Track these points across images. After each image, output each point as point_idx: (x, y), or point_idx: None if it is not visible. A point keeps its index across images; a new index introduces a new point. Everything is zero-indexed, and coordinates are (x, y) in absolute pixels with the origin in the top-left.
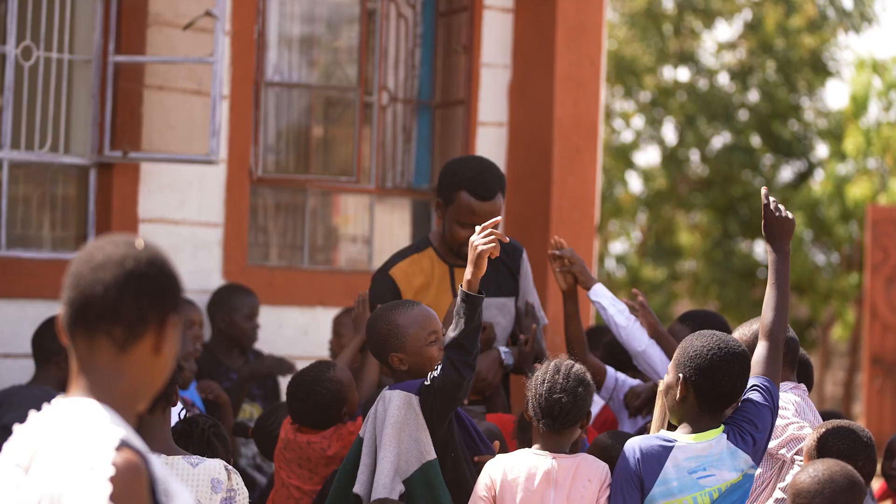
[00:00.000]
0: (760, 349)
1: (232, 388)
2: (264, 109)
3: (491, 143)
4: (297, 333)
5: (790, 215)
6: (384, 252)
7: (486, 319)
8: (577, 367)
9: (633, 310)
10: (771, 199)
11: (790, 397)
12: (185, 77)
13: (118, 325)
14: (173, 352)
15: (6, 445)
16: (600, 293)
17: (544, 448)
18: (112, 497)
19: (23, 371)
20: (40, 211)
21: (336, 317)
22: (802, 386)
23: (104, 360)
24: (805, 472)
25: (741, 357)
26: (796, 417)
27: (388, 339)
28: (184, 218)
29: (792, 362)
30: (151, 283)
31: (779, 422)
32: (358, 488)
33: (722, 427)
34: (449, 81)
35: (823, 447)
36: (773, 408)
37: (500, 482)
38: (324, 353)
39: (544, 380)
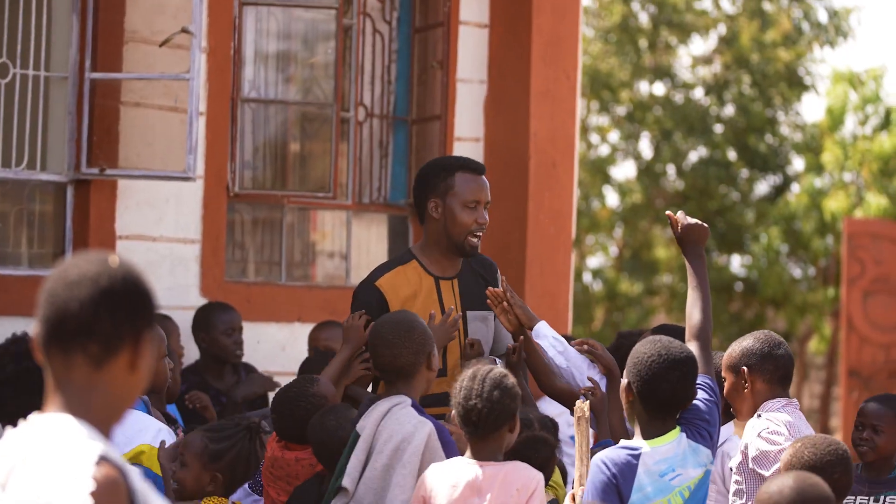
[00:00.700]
0: (693, 350)
1: (223, 412)
2: (241, 126)
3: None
4: (275, 349)
5: (699, 222)
6: (361, 267)
7: (471, 333)
8: (495, 372)
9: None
10: (678, 213)
11: (782, 417)
12: (161, 94)
13: (93, 341)
14: (149, 368)
15: None
16: (541, 333)
17: (473, 456)
18: None
19: None
20: (18, 228)
21: (313, 332)
22: (795, 402)
23: (80, 377)
24: (772, 483)
25: (682, 363)
26: (790, 440)
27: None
28: (161, 234)
29: (783, 378)
30: (126, 299)
31: (771, 447)
32: (347, 482)
33: (679, 428)
34: (425, 97)
35: (798, 460)
36: (717, 401)
37: (432, 490)
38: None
39: (461, 387)
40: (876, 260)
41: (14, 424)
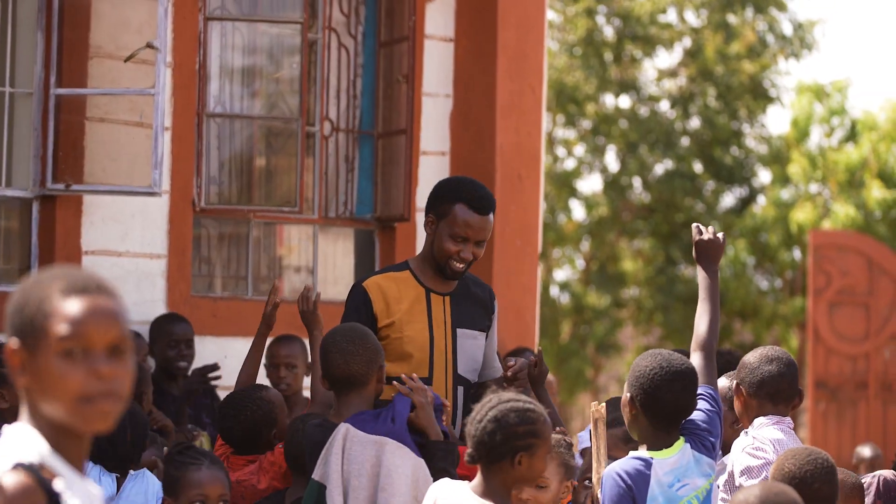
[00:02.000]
0: (697, 360)
1: (171, 412)
2: (206, 140)
3: (433, 172)
4: (242, 363)
5: (720, 236)
6: (328, 281)
7: (460, 349)
8: (505, 404)
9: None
10: (701, 227)
11: (770, 434)
12: (126, 109)
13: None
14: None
15: None
16: None
17: (475, 489)
18: None
19: None
20: None
21: (271, 347)
22: (787, 420)
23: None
24: (739, 493)
25: (684, 374)
26: (776, 456)
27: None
28: (127, 249)
29: (773, 395)
30: (25, 300)
31: (754, 462)
32: None
33: (683, 439)
34: (391, 111)
35: (780, 472)
36: (718, 412)
37: None
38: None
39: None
40: (842, 271)
41: None
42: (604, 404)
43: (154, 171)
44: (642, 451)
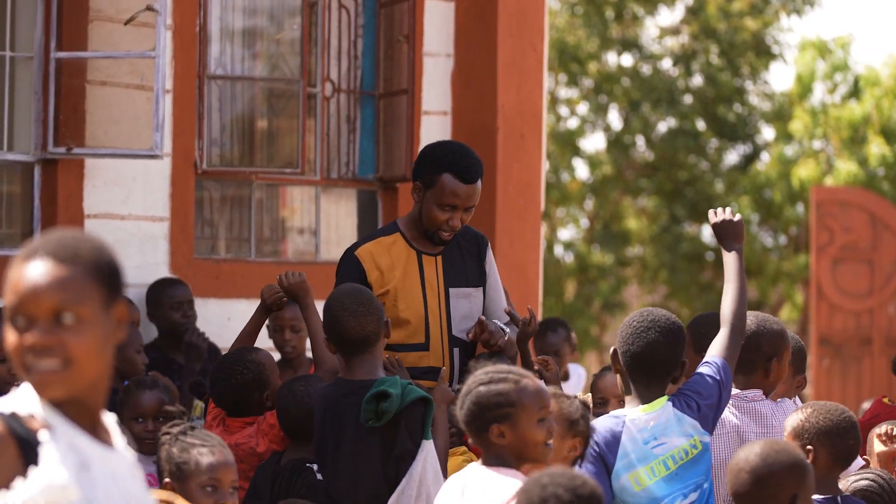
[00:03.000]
0: (721, 333)
1: (176, 381)
2: (208, 103)
3: (435, 132)
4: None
5: (736, 217)
6: (331, 242)
7: (453, 310)
8: (476, 380)
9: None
10: (717, 210)
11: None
12: (127, 72)
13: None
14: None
15: None
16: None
17: (485, 461)
18: None
19: None
20: None
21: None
22: (754, 393)
23: None
24: (742, 451)
25: (661, 325)
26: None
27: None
28: (129, 213)
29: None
30: (77, 267)
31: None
32: None
33: (666, 397)
34: (392, 71)
35: (812, 426)
36: (721, 382)
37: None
38: (267, 343)
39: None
40: (844, 228)
41: None
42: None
43: (155, 134)
44: (623, 409)
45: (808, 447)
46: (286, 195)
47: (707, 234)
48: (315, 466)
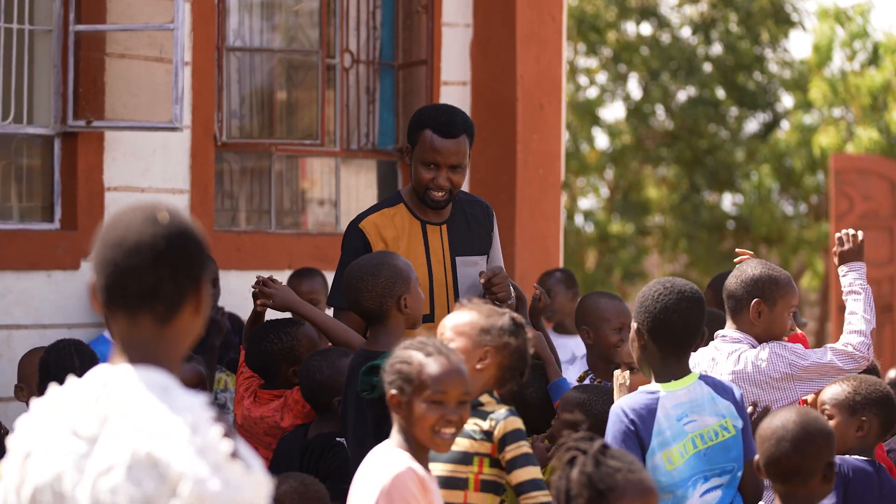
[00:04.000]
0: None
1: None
2: (227, 75)
3: (454, 102)
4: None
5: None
6: (351, 213)
7: (460, 277)
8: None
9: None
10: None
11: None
12: (146, 44)
13: (159, 303)
14: (208, 306)
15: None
16: None
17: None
18: None
19: None
20: (5, 182)
21: (292, 281)
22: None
23: (147, 334)
24: (774, 418)
25: (690, 296)
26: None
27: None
28: (149, 185)
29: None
30: (184, 256)
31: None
32: None
33: (696, 374)
34: (410, 42)
35: (853, 397)
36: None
37: None
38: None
39: None
40: (864, 195)
41: None
42: (627, 371)
43: (175, 107)
44: (652, 385)
45: (863, 418)
46: (306, 167)
47: (727, 203)
48: (344, 441)
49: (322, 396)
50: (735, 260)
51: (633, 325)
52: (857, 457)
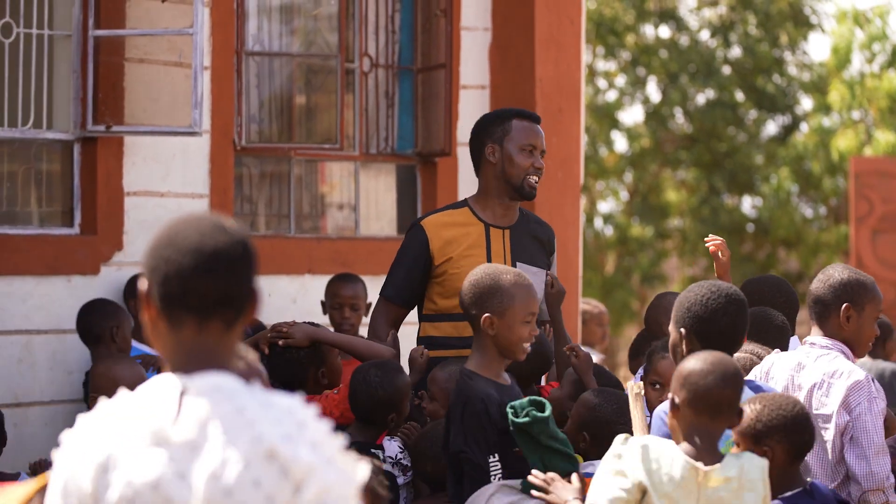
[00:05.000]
0: None
1: None
2: (246, 79)
3: (473, 106)
4: (286, 301)
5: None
6: (370, 218)
7: None
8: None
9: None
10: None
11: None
12: (165, 49)
13: (231, 308)
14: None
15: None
16: None
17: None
18: None
19: (13, 347)
20: (26, 187)
21: (333, 287)
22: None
23: (213, 339)
24: (688, 362)
25: (736, 298)
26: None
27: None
28: (168, 190)
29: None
30: (252, 263)
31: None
32: None
33: None
34: (429, 46)
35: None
36: None
37: None
38: (315, 319)
39: None
40: (884, 198)
41: None
42: (642, 382)
43: (194, 111)
44: None
45: (765, 448)
46: (325, 171)
47: (746, 205)
48: (381, 453)
49: (378, 412)
50: (706, 244)
51: (677, 330)
52: (789, 493)
